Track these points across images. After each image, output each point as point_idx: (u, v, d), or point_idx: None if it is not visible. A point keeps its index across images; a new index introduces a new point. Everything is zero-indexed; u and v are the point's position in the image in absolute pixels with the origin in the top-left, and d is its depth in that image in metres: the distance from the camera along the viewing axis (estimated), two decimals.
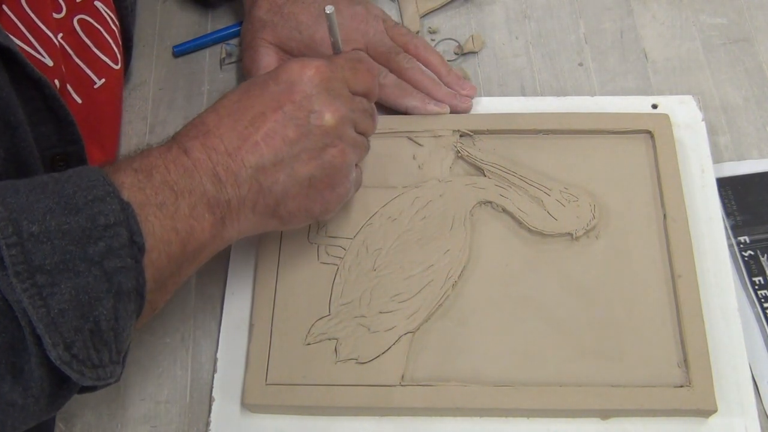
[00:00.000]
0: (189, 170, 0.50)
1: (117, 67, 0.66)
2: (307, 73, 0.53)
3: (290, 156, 0.52)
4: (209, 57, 0.77)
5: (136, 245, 0.45)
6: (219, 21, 0.79)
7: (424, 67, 0.70)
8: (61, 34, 0.62)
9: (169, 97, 0.75)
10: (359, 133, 0.57)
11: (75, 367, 0.43)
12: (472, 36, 0.75)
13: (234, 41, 0.77)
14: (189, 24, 0.79)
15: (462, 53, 0.75)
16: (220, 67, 0.76)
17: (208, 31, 0.78)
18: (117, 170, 0.48)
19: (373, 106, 0.59)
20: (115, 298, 0.44)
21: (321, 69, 0.54)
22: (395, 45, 0.70)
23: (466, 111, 0.69)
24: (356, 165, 0.58)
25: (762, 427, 0.57)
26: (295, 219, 0.55)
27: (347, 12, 0.69)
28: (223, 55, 0.76)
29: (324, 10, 0.55)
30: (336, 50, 0.59)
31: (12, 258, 0.41)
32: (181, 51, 0.77)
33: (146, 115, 0.74)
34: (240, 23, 0.77)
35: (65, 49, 0.63)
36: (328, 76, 0.54)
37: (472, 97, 0.70)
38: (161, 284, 0.49)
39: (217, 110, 0.53)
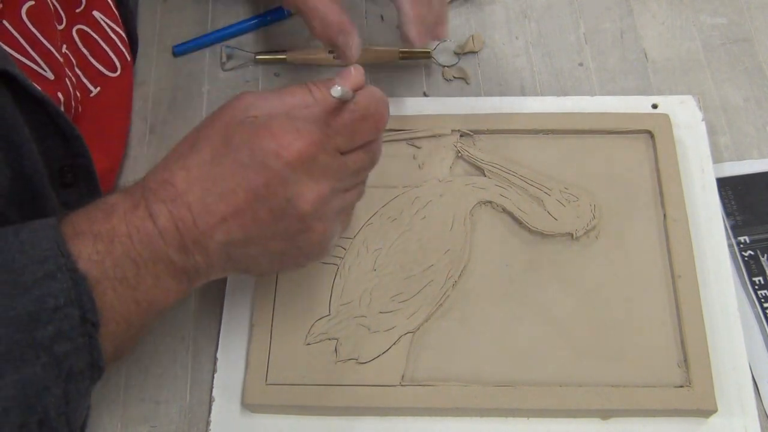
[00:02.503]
0: (154, 240, 0.46)
1: (113, 75, 0.66)
2: (286, 157, 0.46)
3: (262, 236, 0.48)
4: (209, 57, 0.77)
5: (89, 323, 0.43)
6: (219, 21, 0.79)
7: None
8: (64, 45, 0.62)
9: (169, 97, 0.75)
10: (351, 187, 0.52)
11: None
12: (472, 36, 0.75)
13: (233, 43, 0.77)
14: (189, 24, 0.79)
15: (462, 53, 0.75)
16: (221, 67, 0.76)
17: (208, 31, 0.78)
18: (76, 235, 0.45)
19: (376, 147, 0.53)
20: (66, 381, 0.42)
21: (303, 151, 0.46)
22: None
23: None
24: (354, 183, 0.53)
25: (762, 427, 0.57)
26: (268, 274, 0.55)
27: None
28: (224, 59, 0.76)
29: (330, 93, 0.47)
30: (345, 97, 0.49)
31: None
32: (181, 51, 0.77)
33: (146, 115, 0.74)
34: (239, 22, 0.77)
35: (70, 59, 0.63)
36: (312, 155, 0.47)
37: (419, 43, 0.63)
38: (122, 347, 0.47)
39: (188, 169, 0.47)
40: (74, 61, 0.63)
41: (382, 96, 0.51)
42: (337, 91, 0.46)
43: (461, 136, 0.67)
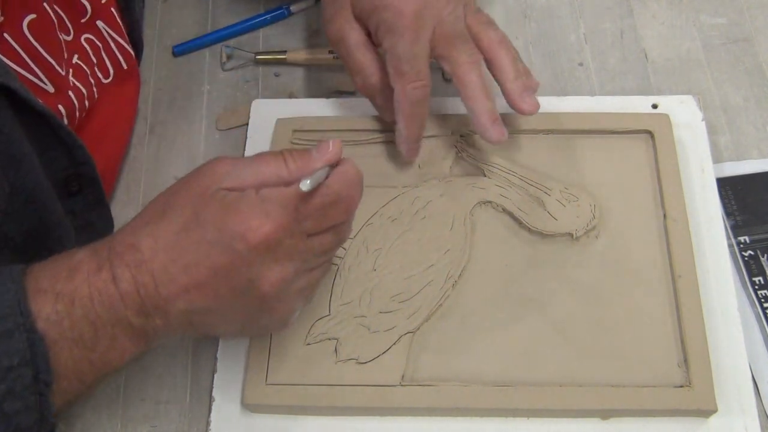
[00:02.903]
0: (115, 303, 0.46)
1: (106, 81, 0.66)
2: (251, 241, 0.46)
3: (223, 309, 0.48)
4: (209, 57, 0.77)
5: (42, 382, 0.44)
6: (219, 21, 0.79)
7: (484, 69, 0.62)
8: (76, 56, 0.62)
9: (169, 97, 0.75)
10: (316, 266, 0.51)
11: None
12: None
13: (233, 43, 0.77)
14: (189, 24, 0.79)
15: None
16: (221, 67, 0.76)
17: (208, 31, 0.78)
18: (38, 292, 0.45)
19: (346, 228, 0.52)
20: None
21: (269, 236, 0.46)
22: (466, 33, 0.62)
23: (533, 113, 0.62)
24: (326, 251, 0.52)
25: (762, 427, 0.57)
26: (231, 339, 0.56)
27: None
28: (224, 59, 0.76)
29: (299, 187, 0.46)
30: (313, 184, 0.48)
31: None
32: (181, 51, 0.77)
33: (146, 115, 0.74)
34: (239, 22, 0.78)
35: (83, 69, 0.63)
36: (277, 240, 0.46)
37: (530, 114, 0.62)
38: (72, 401, 0.48)
39: (155, 237, 0.47)
40: (88, 71, 0.63)
41: (357, 177, 0.50)
42: (305, 185, 0.46)
43: (461, 136, 0.67)
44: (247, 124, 0.71)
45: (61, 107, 0.58)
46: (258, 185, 0.47)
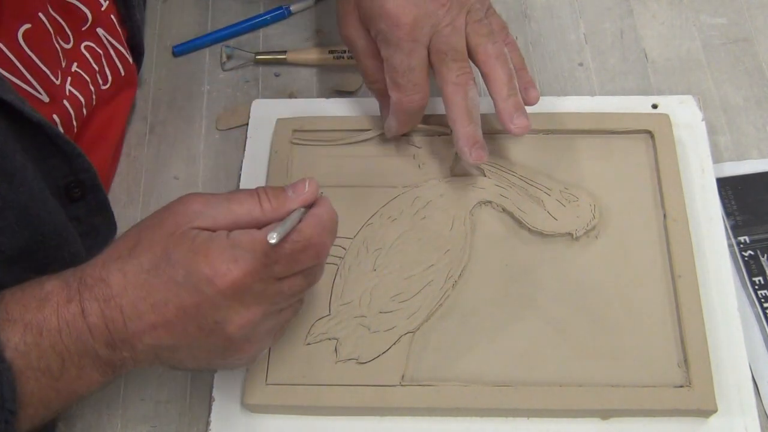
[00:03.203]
0: (83, 336, 0.47)
1: (104, 87, 0.66)
2: (219, 286, 0.46)
3: (190, 346, 0.49)
4: (209, 57, 0.77)
5: (7, 411, 0.44)
6: (219, 21, 0.79)
7: (473, 90, 0.60)
8: (75, 64, 0.62)
9: (169, 97, 0.75)
10: (286, 306, 0.52)
11: None
12: None
13: (233, 43, 0.77)
14: (189, 24, 0.79)
15: None
16: (221, 67, 0.76)
17: (208, 31, 0.78)
18: (7, 321, 0.46)
19: (318, 270, 0.51)
20: None
21: (237, 282, 0.46)
22: (461, 47, 0.60)
23: (534, 103, 0.62)
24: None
25: (762, 427, 0.57)
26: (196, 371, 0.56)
27: None
28: (224, 59, 0.76)
29: (266, 239, 0.46)
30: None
31: None
32: (181, 51, 0.77)
33: (146, 115, 0.74)
34: (239, 22, 0.77)
35: (83, 77, 0.63)
36: (246, 286, 0.46)
37: (520, 134, 0.60)
38: (39, 425, 0.49)
39: (125, 273, 0.47)
40: (88, 79, 0.63)
41: (330, 222, 0.49)
42: (272, 237, 0.45)
43: None
44: (247, 124, 0.71)
45: (55, 117, 0.58)
46: (230, 225, 0.47)
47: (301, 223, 0.48)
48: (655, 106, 0.69)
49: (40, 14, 0.57)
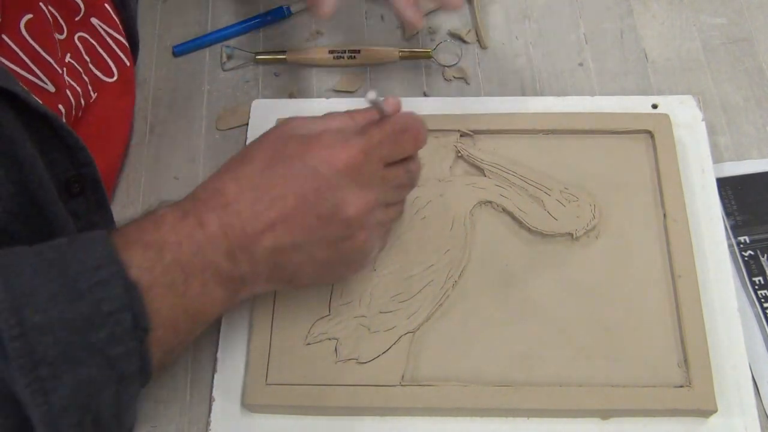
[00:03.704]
0: (203, 247, 0.48)
1: (110, 80, 0.66)
2: (336, 164, 0.50)
3: (308, 242, 0.51)
4: (209, 57, 0.77)
5: (140, 328, 0.45)
6: (219, 21, 0.79)
7: None
8: (69, 54, 0.62)
9: (169, 97, 0.75)
10: (392, 203, 0.55)
11: None
12: (477, 29, 0.75)
13: (233, 43, 0.77)
14: (189, 24, 0.79)
15: (464, 38, 0.75)
16: (221, 67, 0.76)
17: (208, 31, 0.78)
18: (126, 245, 0.46)
19: (415, 166, 0.56)
20: (117, 383, 0.44)
21: (352, 159, 0.50)
22: None
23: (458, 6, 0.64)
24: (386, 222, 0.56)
25: (762, 427, 0.57)
26: (311, 286, 0.56)
27: None
28: (224, 59, 0.76)
29: (366, 97, 0.49)
30: (382, 114, 0.53)
31: (15, 351, 0.41)
32: (181, 51, 0.77)
33: (146, 115, 0.74)
34: (239, 22, 0.77)
35: (75, 68, 0.63)
36: (359, 163, 0.50)
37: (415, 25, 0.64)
38: (168, 353, 0.49)
39: (238, 179, 0.50)
40: (81, 70, 0.63)
41: (418, 116, 0.54)
42: (371, 94, 0.49)
43: (461, 136, 0.67)
44: (247, 124, 0.71)
45: (61, 107, 0.59)
46: None
47: (396, 114, 0.53)
48: (655, 106, 0.69)
49: (41, 4, 0.57)
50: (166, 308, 0.46)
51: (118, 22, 0.67)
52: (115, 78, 0.66)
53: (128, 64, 0.68)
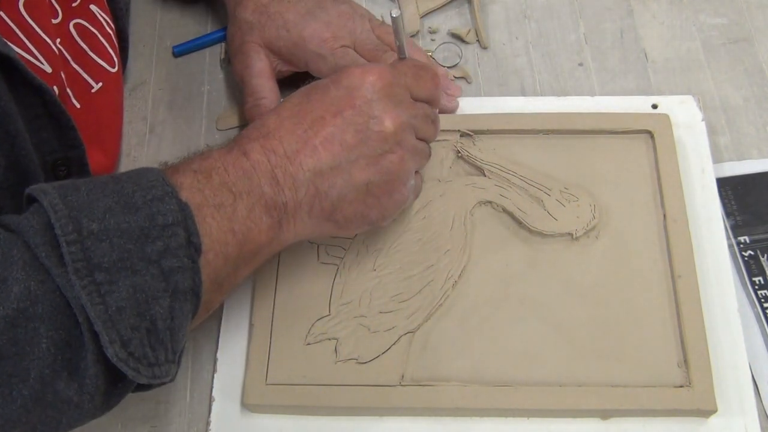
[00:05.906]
0: (248, 172, 0.50)
1: (114, 70, 0.66)
2: (369, 79, 0.53)
3: (348, 161, 0.52)
4: (209, 57, 0.77)
5: (193, 246, 0.45)
6: (219, 21, 0.78)
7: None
8: (59, 39, 0.62)
9: (169, 97, 0.75)
10: (420, 139, 0.57)
11: (131, 364, 0.43)
12: (477, 29, 0.75)
13: None
14: (189, 24, 0.79)
15: (465, 38, 0.75)
16: (221, 67, 0.76)
17: (208, 31, 0.78)
18: (176, 171, 0.49)
19: (436, 112, 0.59)
20: (171, 297, 0.44)
21: (383, 75, 0.54)
22: (382, 43, 0.68)
23: (452, 111, 0.69)
24: (416, 172, 0.58)
25: (762, 427, 0.57)
26: (351, 224, 0.55)
27: (333, 10, 0.68)
28: (223, 56, 0.76)
29: (390, 13, 0.55)
30: (401, 55, 0.59)
31: (72, 255, 0.42)
32: (181, 51, 0.77)
33: (146, 115, 0.74)
34: None
35: (63, 54, 0.62)
36: (390, 81, 0.54)
37: (456, 97, 0.70)
38: (217, 285, 0.49)
39: (278, 112, 0.53)
40: (69, 57, 0.63)
41: (436, 70, 0.61)
42: (396, 11, 0.54)
43: (461, 136, 0.67)
44: (247, 124, 0.71)
45: (55, 88, 0.58)
46: None
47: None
48: (655, 106, 0.69)
49: None
50: (216, 229, 0.47)
51: (109, 16, 0.67)
52: (116, 68, 0.66)
53: (116, 58, 0.68)
